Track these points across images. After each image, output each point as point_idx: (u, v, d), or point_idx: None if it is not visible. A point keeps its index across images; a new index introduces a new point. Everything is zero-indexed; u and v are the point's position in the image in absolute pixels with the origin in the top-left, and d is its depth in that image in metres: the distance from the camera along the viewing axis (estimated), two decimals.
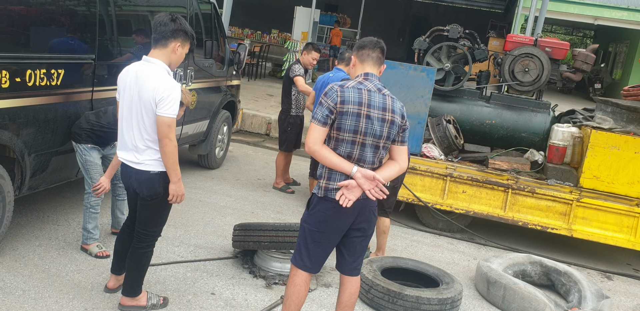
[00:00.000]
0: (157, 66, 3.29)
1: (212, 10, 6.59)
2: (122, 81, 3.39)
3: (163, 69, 3.29)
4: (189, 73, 5.89)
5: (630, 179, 5.67)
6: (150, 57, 3.31)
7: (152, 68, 3.28)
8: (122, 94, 3.37)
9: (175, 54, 3.34)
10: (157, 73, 3.26)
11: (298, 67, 6.35)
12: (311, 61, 6.41)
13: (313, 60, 6.40)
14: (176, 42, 3.31)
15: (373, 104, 3.05)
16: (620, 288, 5.29)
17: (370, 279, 4.08)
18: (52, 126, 4.16)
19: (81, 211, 4.92)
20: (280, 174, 6.65)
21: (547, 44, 6.67)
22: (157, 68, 3.28)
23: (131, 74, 3.32)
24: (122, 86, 3.38)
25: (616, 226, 5.64)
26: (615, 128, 5.81)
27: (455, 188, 5.92)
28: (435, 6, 25.75)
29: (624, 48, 21.67)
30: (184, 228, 5.07)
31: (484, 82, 6.94)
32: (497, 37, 13.45)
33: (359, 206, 3.07)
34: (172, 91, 3.23)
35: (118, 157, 3.48)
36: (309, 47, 6.47)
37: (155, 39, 3.31)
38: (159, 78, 3.24)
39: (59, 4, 4.20)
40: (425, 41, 6.67)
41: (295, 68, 6.33)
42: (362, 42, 3.22)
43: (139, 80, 3.25)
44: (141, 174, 3.34)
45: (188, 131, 6.16)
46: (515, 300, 4.29)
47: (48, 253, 4.21)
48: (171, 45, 3.31)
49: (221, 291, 4.03)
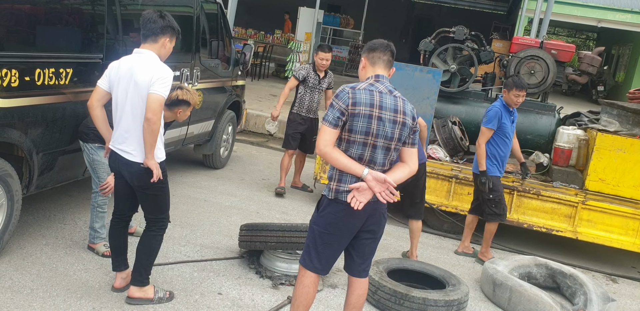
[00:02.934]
0: (150, 55, 3.48)
1: (218, 10, 6.59)
2: (114, 73, 3.52)
3: (155, 57, 3.50)
4: (195, 73, 5.89)
5: (635, 182, 5.67)
6: (141, 49, 3.51)
7: (145, 58, 3.47)
8: (117, 86, 3.49)
9: (164, 49, 3.56)
10: (151, 61, 3.46)
11: (299, 67, 6.40)
12: (320, 62, 6.28)
13: (321, 60, 6.27)
14: (165, 38, 3.52)
15: (385, 105, 3.05)
16: (626, 291, 5.29)
17: (377, 280, 4.08)
18: (60, 125, 4.17)
19: (88, 210, 4.92)
20: (285, 174, 6.53)
21: (553, 46, 6.68)
22: (150, 57, 3.48)
23: (124, 65, 3.49)
24: (116, 77, 3.50)
25: (621, 228, 5.64)
26: (621, 131, 5.82)
27: (461, 189, 5.92)
28: (438, 7, 25.77)
29: (627, 50, 21.68)
30: (190, 227, 5.08)
31: (489, 84, 6.94)
32: (500, 39, 13.44)
33: (370, 208, 3.07)
34: (167, 73, 3.44)
35: (110, 146, 3.55)
36: (316, 48, 6.47)
37: (145, 35, 3.52)
38: (153, 64, 3.44)
39: (67, 3, 4.21)
40: (431, 42, 6.68)
41: (296, 68, 6.39)
42: (373, 44, 3.21)
43: (134, 69, 3.42)
44: (131, 165, 3.48)
45: (194, 130, 6.16)
46: (521, 302, 4.29)
47: (55, 252, 4.21)
48: (161, 40, 3.51)
49: (228, 291, 4.03)
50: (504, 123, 5.06)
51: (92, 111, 3.65)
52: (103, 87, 3.58)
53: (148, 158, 3.44)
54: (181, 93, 3.86)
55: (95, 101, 3.62)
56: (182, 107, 3.89)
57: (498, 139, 5.11)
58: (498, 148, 5.12)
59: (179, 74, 5.56)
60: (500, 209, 5.22)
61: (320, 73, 6.33)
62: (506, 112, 5.11)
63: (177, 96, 3.82)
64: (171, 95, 3.74)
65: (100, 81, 3.61)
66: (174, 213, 5.28)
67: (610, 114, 6.27)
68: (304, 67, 6.30)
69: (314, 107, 6.44)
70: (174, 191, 5.91)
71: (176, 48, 3.97)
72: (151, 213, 3.64)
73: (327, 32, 19.89)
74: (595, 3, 17.43)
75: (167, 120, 3.86)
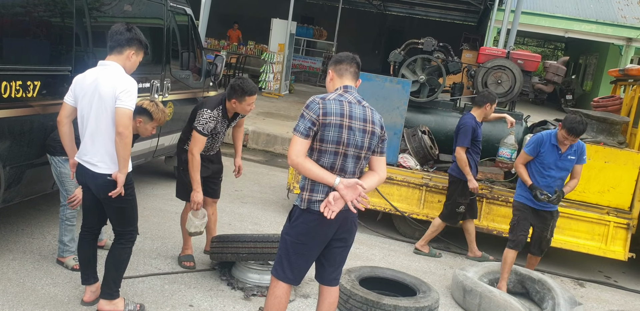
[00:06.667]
0: (115, 67, 3.48)
1: (189, 21, 6.61)
2: (79, 87, 3.51)
3: (120, 69, 3.49)
4: (166, 84, 5.89)
5: (600, 188, 5.81)
6: (106, 61, 3.51)
7: (110, 70, 3.47)
8: (81, 98, 3.48)
9: (129, 61, 3.55)
10: (115, 73, 3.45)
11: (206, 119, 4.27)
12: (246, 108, 4.38)
13: (248, 106, 4.36)
14: (131, 50, 3.52)
15: (354, 115, 3.11)
16: (592, 295, 5.40)
17: (348, 289, 4.11)
18: (27, 138, 4.13)
19: (56, 224, 4.87)
20: (186, 240, 4.66)
21: (519, 56, 6.83)
22: (115, 69, 3.47)
23: (89, 78, 3.48)
24: (81, 91, 3.49)
25: (588, 234, 5.77)
26: (585, 138, 5.96)
27: (431, 197, 6.00)
28: (409, 19, 26.15)
29: (593, 60, 22.23)
30: (160, 240, 5.05)
31: (457, 94, 7.06)
32: (470, 50, 13.69)
33: (341, 217, 3.11)
34: (131, 85, 3.43)
35: (75, 158, 3.54)
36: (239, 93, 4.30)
37: (111, 46, 3.51)
38: (117, 76, 3.43)
39: (35, 15, 4.19)
40: (400, 54, 6.78)
41: (202, 120, 4.26)
42: (340, 57, 3.28)
43: (98, 81, 3.42)
44: (97, 177, 3.47)
45: (164, 142, 6.14)
46: (491, 307, 4.35)
47: (23, 267, 4.15)
48: (126, 52, 3.51)
49: (199, 303, 4.02)
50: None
51: (60, 127, 3.64)
52: (69, 103, 3.56)
53: (121, 173, 3.43)
54: (147, 103, 3.84)
55: (64, 117, 3.60)
56: (143, 118, 3.81)
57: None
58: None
59: (149, 85, 5.55)
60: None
61: (229, 115, 4.46)
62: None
63: (141, 105, 3.81)
64: (137, 102, 3.72)
65: (66, 97, 3.59)
66: (145, 225, 5.26)
67: None
68: (213, 117, 4.28)
69: (216, 146, 4.73)
70: (145, 203, 5.88)
71: (146, 59, 3.98)
72: (119, 226, 3.63)
73: (300, 43, 20.03)
74: (562, 14, 17.88)
75: None
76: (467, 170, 5.45)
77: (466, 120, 5.51)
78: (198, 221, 4.36)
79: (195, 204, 4.30)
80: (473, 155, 5.56)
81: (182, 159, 4.49)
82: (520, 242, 4.88)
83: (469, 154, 5.50)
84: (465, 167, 5.45)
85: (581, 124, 4.68)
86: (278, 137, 9.78)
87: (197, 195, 4.28)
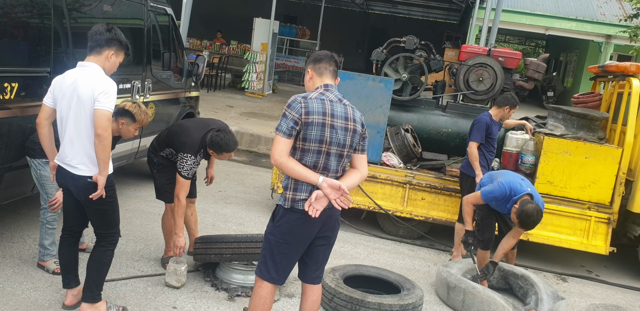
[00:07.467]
0: (94, 68, 3.43)
1: (170, 21, 6.57)
2: (57, 88, 3.46)
3: (100, 70, 3.45)
4: (147, 85, 5.85)
5: (581, 184, 5.87)
6: (85, 62, 3.46)
7: (89, 71, 3.42)
8: (60, 100, 3.43)
9: (108, 62, 3.51)
10: (94, 74, 3.40)
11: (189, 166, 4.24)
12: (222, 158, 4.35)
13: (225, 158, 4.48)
14: (110, 51, 3.48)
15: (336, 114, 3.11)
16: (575, 289, 5.46)
17: (333, 287, 4.11)
18: (5, 140, 4.07)
19: (36, 228, 4.81)
20: (167, 240, 4.62)
21: (500, 54, 6.87)
22: (94, 70, 3.42)
23: (68, 79, 3.43)
24: (60, 92, 3.44)
25: (570, 229, 5.83)
26: (566, 134, 6.02)
27: (415, 195, 6.02)
28: (392, 18, 26.22)
29: (574, 57, 22.45)
30: (143, 242, 5.01)
31: (439, 92, 7.10)
32: (452, 48, 13.76)
33: (325, 215, 3.11)
34: (110, 86, 3.38)
35: (55, 161, 3.50)
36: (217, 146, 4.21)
37: (91, 47, 3.47)
38: (96, 77, 3.38)
39: (13, 16, 4.13)
40: (382, 52, 6.80)
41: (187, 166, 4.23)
42: (319, 56, 3.28)
43: (77, 82, 3.37)
44: (78, 180, 3.43)
45: (146, 143, 6.08)
46: (475, 303, 4.38)
47: (3, 271, 4.10)
48: (105, 53, 3.47)
49: (183, 304, 4.00)
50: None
51: (39, 129, 3.59)
52: (48, 105, 3.51)
53: (102, 175, 3.39)
54: (130, 105, 3.82)
55: (44, 119, 3.55)
56: (126, 119, 3.80)
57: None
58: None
59: (130, 86, 5.51)
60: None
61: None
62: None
63: (124, 106, 3.78)
64: (119, 104, 3.69)
65: (45, 99, 3.54)
66: (128, 227, 5.22)
67: (556, 118, 6.47)
68: (196, 162, 4.26)
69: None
70: (127, 205, 5.84)
71: (127, 60, 3.93)
72: (100, 228, 3.59)
73: (283, 42, 20.00)
74: (542, 11, 18.04)
75: (112, 133, 3.79)
76: (476, 164, 5.39)
77: (481, 116, 5.53)
78: (180, 275, 4.19)
79: (177, 249, 4.28)
80: (486, 153, 5.51)
81: (153, 161, 4.58)
82: (489, 240, 4.94)
83: (481, 151, 5.45)
84: (475, 161, 5.38)
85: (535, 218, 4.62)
86: (262, 137, 9.76)
87: (179, 240, 4.26)
